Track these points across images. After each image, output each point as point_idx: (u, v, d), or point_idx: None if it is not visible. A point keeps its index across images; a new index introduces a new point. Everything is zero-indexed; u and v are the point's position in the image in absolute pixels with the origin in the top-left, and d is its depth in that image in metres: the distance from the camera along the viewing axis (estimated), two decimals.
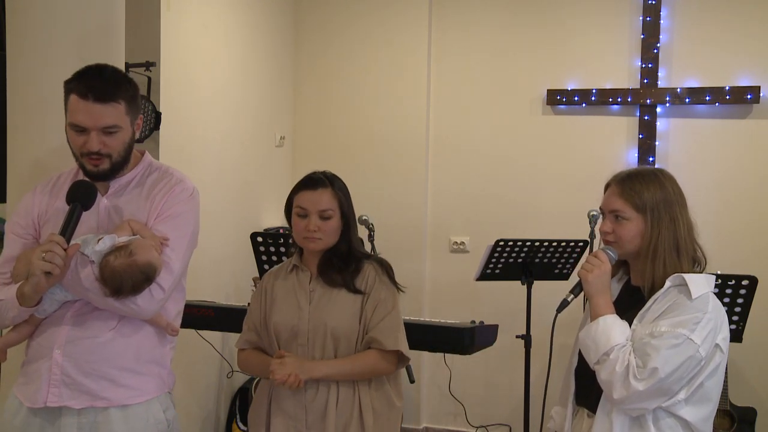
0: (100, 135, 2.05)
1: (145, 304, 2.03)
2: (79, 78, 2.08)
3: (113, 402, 2.06)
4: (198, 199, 2.25)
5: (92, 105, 2.02)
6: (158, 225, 2.12)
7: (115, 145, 2.08)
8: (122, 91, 2.08)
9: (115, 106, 2.05)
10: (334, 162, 4.77)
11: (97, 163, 2.08)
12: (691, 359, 1.87)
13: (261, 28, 4.68)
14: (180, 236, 2.14)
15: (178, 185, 2.19)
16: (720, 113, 4.39)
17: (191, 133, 3.94)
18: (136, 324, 2.11)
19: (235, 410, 4.35)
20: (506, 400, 4.75)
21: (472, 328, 3.15)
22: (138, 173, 2.20)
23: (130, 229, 2.07)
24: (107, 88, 2.05)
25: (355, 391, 2.33)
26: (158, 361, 2.17)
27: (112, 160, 2.10)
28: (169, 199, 2.15)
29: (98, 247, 1.98)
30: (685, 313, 1.90)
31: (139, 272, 1.98)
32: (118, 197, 2.16)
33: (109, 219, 2.14)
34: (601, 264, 2.04)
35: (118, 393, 2.07)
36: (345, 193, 2.40)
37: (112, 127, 2.06)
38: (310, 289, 2.38)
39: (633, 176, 2.05)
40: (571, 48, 4.63)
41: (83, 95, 2.03)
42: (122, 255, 1.97)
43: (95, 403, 2.05)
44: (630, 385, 1.87)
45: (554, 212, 4.61)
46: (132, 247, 1.99)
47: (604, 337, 1.95)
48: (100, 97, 2.03)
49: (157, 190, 2.17)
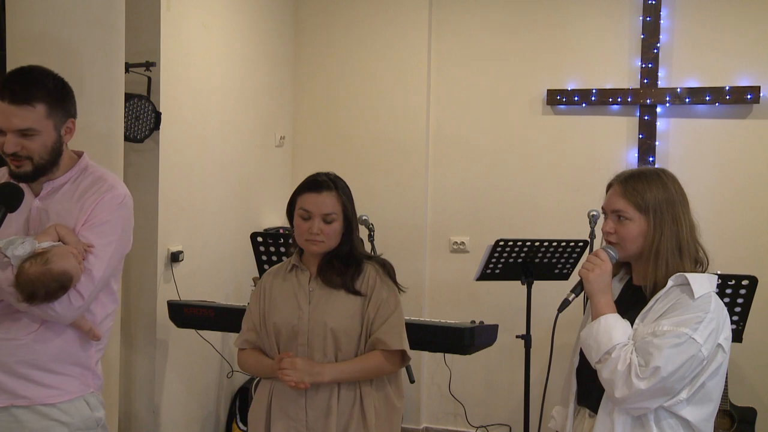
0: (16, 137, 2.05)
1: (63, 311, 2.06)
2: (4, 79, 2.09)
3: (34, 401, 2.09)
4: (130, 205, 2.24)
5: (7, 106, 2.04)
6: (84, 231, 2.13)
7: (35, 148, 2.08)
8: (42, 94, 2.07)
9: (29, 109, 2.05)
10: (334, 162, 4.79)
11: (18, 164, 2.09)
12: (693, 359, 1.87)
13: (261, 28, 4.67)
14: (105, 244, 2.14)
15: (109, 192, 2.18)
16: (720, 113, 4.39)
17: (191, 133, 3.94)
18: (57, 328, 2.12)
19: (235, 410, 4.35)
20: (506, 400, 4.75)
21: (472, 328, 3.15)
22: (72, 176, 2.20)
23: (56, 233, 2.08)
24: (24, 91, 2.05)
25: (356, 391, 2.34)
26: (81, 363, 2.18)
27: (33, 163, 2.10)
28: (98, 206, 2.15)
29: (17, 252, 2.00)
30: (687, 313, 1.90)
31: (52, 280, 1.99)
32: (49, 200, 2.17)
33: (39, 220, 2.15)
34: (601, 263, 2.03)
35: (38, 392, 2.10)
36: (348, 197, 2.40)
37: (27, 130, 2.06)
38: (309, 289, 2.38)
39: (635, 176, 2.05)
40: (571, 48, 4.63)
41: (1, 96, 2.04)
42: (38, 262, 1.99)
43: (16, 401, 2.08)
44: (632, 383, 1.87)
45: (554, 212, 4.61)
46: (49, 254, 2.00)
47: (605, 336, 1.94)
48: (15, 99, 2.03)
49: (88, 195, 2.17)
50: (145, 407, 3.74)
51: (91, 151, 2.32)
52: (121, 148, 2.96)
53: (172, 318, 3.57)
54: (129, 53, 3.05)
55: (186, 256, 3.87)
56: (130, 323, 3.67)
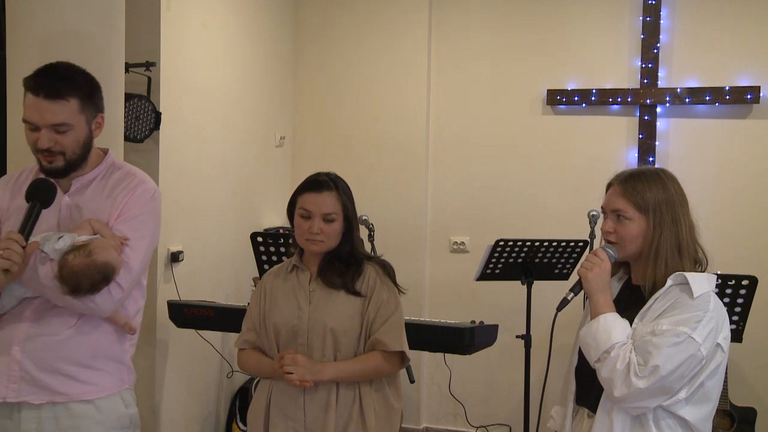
0: (51, 132, 2.06)
1: (103, 303, 2.06)
2: (34, 75, 2.09)
3: (72, 397, 2.09)
4: (159, 200, 2.26)
5: (41, 102, 2.04)
6: (119, 225, 2.13)
7: (68, 143, 2.09)
8: (74, 89, 2.08)
9: (63, 104, 2.06)
10: (334, 162, 4.79)
11: (50, 159, 2.09)
12: (692, 358, 1.87)
13: (261, 29, 4.68)
14: (140, 237, 2.15)
15: (140, 186, 2.20)
16: (720, 113, 4.39)
17: (191, 133, 3.94)
18: (94, 322, 2.12)
19: (235, 410, 4.35)
20: (506, 400, 4.75)
21: (472, 328, 3.15)
22: (100, 172, 2.21)
23: (91, 228, 2.09)
24: (57, 85, 2.05)
25: (356, 392, 2.34)
26: (117, 359, 2.19)
27: (66, 158, 2.11)
28: (130, 200, 2.16)
29: (58, 246, 2.00)
30: (686, 312, 1.90)
31: (97, 272, 2.00)
32: (79, 195, 2.17)
33: (70, 217, 2.15)
34: (600, 262, 2.03)
35: (76, 388, 2.09)
36: (349, 196, 2.40)
37: (61, 125, 2.06)
38: (310, 290, 2.38)
39: (635, 176, 2.05)
40: (571, 48, 4.63)
41: (35, 92, 2.05)
42: (81, 254, 1.99)
43: (54, 398, 2.07)
44: (631, 382, 1.87)
45: (554, 212, 4.61)
46: (91, 246, 2.01)
47: (604, 335, 1.94)
48: (49, 94, 2.04)
49: (119, 189, 2.18)
50: (145, 407, 3.74)
51: None
52: (121, 148, 2.96)
53: (172, 318, 3.57)
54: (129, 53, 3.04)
55: (186, 256, 3.87)
56: None
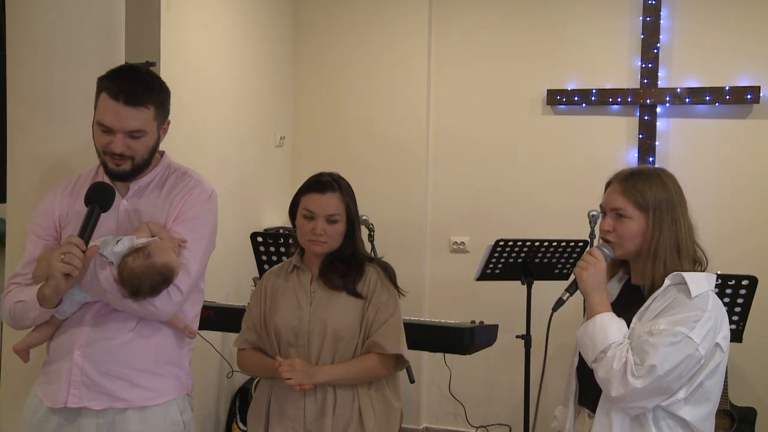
0: (126, 138, 2.05)
1: (163, 306, 2.04)
2: (113, 77, 2.07)
3: (132, 403, 2.06)
4: (216, 200, 2.24)
5: (122, 107, 2.02)
6: (176, 227, 2.12)
7: (140, 149, 2.08)
8: (153, 97, 2.07)
9: (144, 111, 2.05)
10: (334, 162, 4.78)
11: (119, 163, 2.08)
12: (690, 358, 1.86)
13: (261, 29, 4.68)
14: (197, 238, 2.14)
15: (197, 187, 2.18)
16: (720, 113, 4.39)
17: (191, 133, 3.94)
18: (154, 326, 2.10)
19: (235, 410, 4.35)
20: (506, 400, 4.75)
21: (472, 328, 3.15)
22: (157, 175, 2.20)
23: (149, 230, 2.07)
24: (139, 92, 2.04)
25: (354, 393, 2.33)
26: (176, 363, 2.17)
27: (134, 162, 2.10)
28: (187, 201, 2.15)
29: (117, 249, 1.99)
30: (684, 312, 1.89)
31: (157, 274, 1.98)
32: (137, 199, 2.16)
33: (128, 221, 2.13)
34: (596, 262, 2.03)
35: (136, 394, 2.07)
36: (352, 197, 2.39)
37: (138, 132, 2.05)
38: (311, 290, 2.38)
39: (635, 175, 2.04)
40: (571, 48, 4.63)
41: (114, 96, 2.02)
42: (140, 257, 1.98)
43: (114, 404, 2.05)
44: (628, 382, 1.86)
45: (554, 212, 4.61)
46: (150, 248, 1.99)
47: (601, 335, 1.94)
48: (131, 100, 2.02)
49: (176, 192, 2.16)
50: None
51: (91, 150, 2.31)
52: None
53: None
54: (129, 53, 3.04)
55: None
56: None
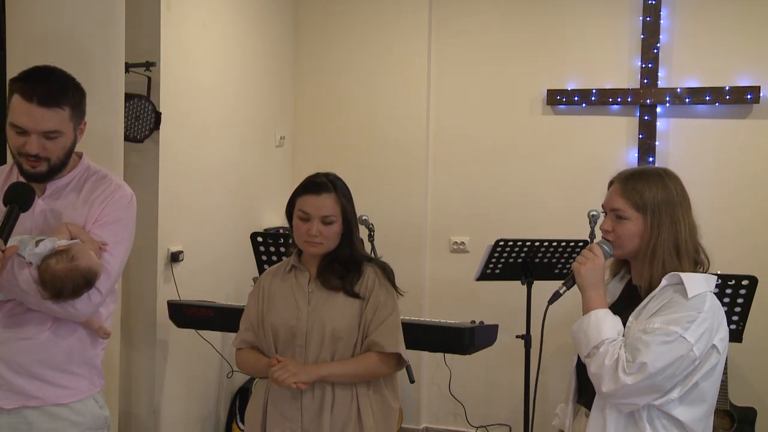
0: (41, 138, 2.03)
1: (82, 308, 2.05)
2: (25, 78, 2.05)
3: (46, 401, 2.08)
4: (135, 205, 2.25)
5: (35, 108, 2.00)
6: (96, 230, 2.12)
7: (55, 150, 2.07)
8: (68, 97, 2.06)
9: (58, 111, 2.03)
10: (334, 162, 4.79)
11: (35, 165, 2.07)
12: (684, 358, 1.85)
13: (261, 29, 4.68)
14: (118, 241, 2.14)
15: (118, 191, 2.18)
16: (720, 113, 4.39)
17: (191, 133, 3.94)
18: (70, 326, 2.12)
19: (235, 410, 4.35)
20: (506, 400, 4.75)
21: (472, 328, 3.14)
22: (75, 176, 2.19)
23: (68, 232, 2.07)
24: (53, 93, 2.03)
25: (353, 393, 2.33)
26: (90, 362, 2.18)
27: (50, 164, 2.08)
28: (108, 205, 2.15)
29: (38, 250, 1.98)
30: (679, 312, 1.89)
31: (80, 277, 1.99)
32: (54, 200, 2.16)
33: (44, 221, 2.14)
34: (594, 257, 2.03)
35: (51, 392, 2.09)
36: (348, 198, 2.39)
37: (53, 132, 2.04)
38: (309, 290, 2.38)
39: (636, 175, 2.04)
40: (571, 48, 4.63)
41: (28, 97, 2.00)
42: (64, 259, 1.98)
43: (27, 402, 2.06)
44: (618, 378, 1.86)
45: (554, 212, 4.61)
46: (74, 251, 2.00)
47: (594, 331, 1.94)
48: (45, 101, 2.01)
49: (96, 194, 2.16)
50: (145, 407, 3.74)
51: (91, 151, 2.32)
52: (121, 148, 2.96)
53: (172, 318, 3.57)
54: (129, 53, 3.05)
55: (186, 256, 3.87)
56: (130, 323, 3.67)
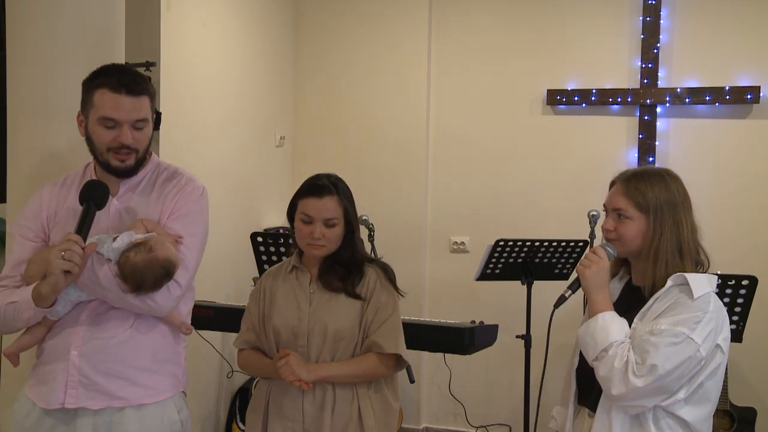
0: (132, 129, 2.06)
1: (163, 301, 2.03)
2: (107, 73, 2.08)
3: (130, 402, 2.06)
4: (207, 198, 2.24)
5: (125, 98, 2.03)
6: (171, 223, 2.12)
7: (143, 140, 2.10)
8: (148, 86, 2.10)
9: (143, 99, 2.07)
10: (334, 162, 4.79)
11: (125, 158, 2.08)
12: (691, 359, 1.86)
13: (261, 29, 4.68)
14: (193, 234, 2.14)
15: (189, 184, 2.19)
16: (720, 113, 4.39)
17: (191, 133, 3.94)
18: (151, 323, 2.10)
19: (235, 410, 4.35)
20: (506, 400, 4.75)
21: (472, 328, 3.15)
22: (147, 173, 2.20)
23: (144, 227, 2.07)
24: (137, 81, 2.07)
25: (353, 393, 2.33)
26: (173, 360, 2.17)
27: (137, 156, 2.10)
28: (180, 198, 2.15)
29: (116, 245, 1.98)
30: (685, 312, 1.89)
31: (159, 267, 1.98)
32: (128, 198, 2.16)
33: (119, 219, 2.13)
34: (599, 260, 2.03)
35: (134, 392, 2.06)
36: (350, 200, 2.38)
37: (142, 120, 2.07)
38: (310, 291, 2.38)
39: (638, 175, 2.04)
40: (571, 48, 4.63)
41: (115, 89, 2.03)
42: (142, 251, 1.97)
43: (112, 403, 2.04)
44: (629, 381, 1.87)
45: (554, 212, 4.61)
46: (151, 243, 1.99)
47: (602, 334, 1.94)
48: (132, 90, 2.04)
49: (168, 189, 2.16)
50: None
51: None
52: None
53: None
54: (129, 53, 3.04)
55: None
56: None
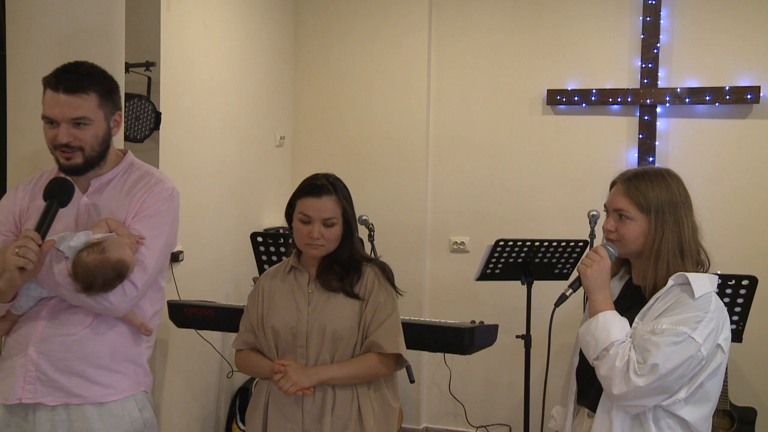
0: (70, 127, 2.07)
1: (117, 302, 2.05)
2: (53, 72, 2.11)
3: (88, 399, 2.08)
4: (177, 199, 2.25)
5: (61, 96, 2.05)
6: (135, 224, 2.13)
7: (87, 139, 2.09)
8: (94, 84, 2.10)
9: (84, 97, 2.07)
10: (334, 162, 4.80)
11: (69, 156, 2.09)
12: (692, 358, 1.86)
13: (261, 28, 4.67)
14: (156, 235, 2.15)
15: (158, 185, 2.19)
16: (720, 113, 4.39)
17: (191, 133, 3.94)
18: (110, 322, 2.12)
19: (235, 410, 4.35)
20: (506, 400, 4.75)
21: (472, 328, 3.14)
22: (119, 172, 2.21)
23: (107, 226, 2.09)
24: (77, 80, 2.07)
25: (353, 393, 2.33)
26: (133, 360, 2.18)
27: (84, 154, 2.11)
28: (147, 199, 2.16)
29: (72, 243, 2.00)
30: (687, 312, 1.90)
31: (110, 269, 2.00)
32: (98, 195, 2.17)
33: (88, 217, 2.15)
34: (600, 260, 2.03)
35: (92, 390, 2.09)
36: (348, 199, 2.38)
37: (81, 119, 2.07)
38: (308, 291, 2.38)
39: (639, 176, 2.05)
40: (571, 48, 4.63)
41: (54, 87, 2.06)
42: (95, 251, 2.00)
43: (70, 400, 2.07)
44: (630, 380, 1.87)
45: (554, 212, 4.62)
46: (105, 244, 2.01)
47: (603, 333, 1.94)
48: (69, 88, 2.05)
49: (137, 189, 2.18)
50: None
51: None
52: None
53: (172, 318, 3.57)
54: (129, 53, 3.04)
55: (186, 256, 3.87)
56: None
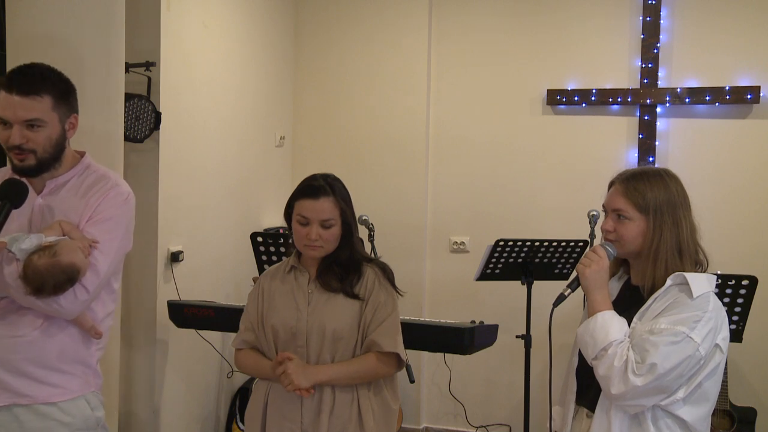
0: (23, 129, 2.07)
1: (68, 305, 2.06)
2: (8, 73, 2.11)
3: (36, 399, 2.09)
4: (132, 203, 2.26)
5: (15, 98, 2.05)
6: (89, 227, 2.14)
7: (40, 141, 2.09)
8: (48, 86, 2.09)
9: (37, 99, 2.07)
10: (334, 162, 4.80)
11: (22, 157, 2.09)
12: (691, 358, 1.86)
13: (261, 28, 4.68)
14: (110, 239, 2.15)
15: (113, 189, 2.20)
16: (720, 113, 4.39)
17: (191, 133, 3.94)
18: (61, 324, 2.13)
19: (235, 410, 4.35)
20: (506, 400, 4.75)
21: (472, 328, 3.15)
22: (75, 174, 2.21)
23: (61, 229, 2.09)
24: (31, 82, 2.07)
25: (353, 394, 2.33)
26: (83, 362, 2.19)
27: (37, 156, 2.11)
28: (102, 202, 2.16)
29: (24, 246, 2.01)
30: (685, 312, 1.90)
31: (61, 272, 2.00)
32: (53, 197, 2.18)
33: (42, 218, 2.15)
34: (599, 259, 2.03)
35: (41, 391, 2.09)
36: (346, 200, 2.38)
37: (33, 121, 2.07)
38: (308, 291, 2.38)
39: (637, 176, 2.04)
40: (571, 48, 4.63)
41: (8, 89, 2.06)
42: (46, 255, 2.00)
43: (17, 400, 2.07)
44: (628, 380, 1.87)
45: (554, 212, 4.62)
46: (57, 247, 2.01)
47: (602, 333, 1.94)
48: (22, 90, 2.05)
49: (92, 192, 2.18)
50: (145, 407, 3.74)
51: (91, 151, 2.32)
52: (121, 148, 2.96)
53: (172, 318, 3.57)
54: (129, 53, 3.05)
55: (186, 256, 3.87)
56: (130, 323, 3.67)
